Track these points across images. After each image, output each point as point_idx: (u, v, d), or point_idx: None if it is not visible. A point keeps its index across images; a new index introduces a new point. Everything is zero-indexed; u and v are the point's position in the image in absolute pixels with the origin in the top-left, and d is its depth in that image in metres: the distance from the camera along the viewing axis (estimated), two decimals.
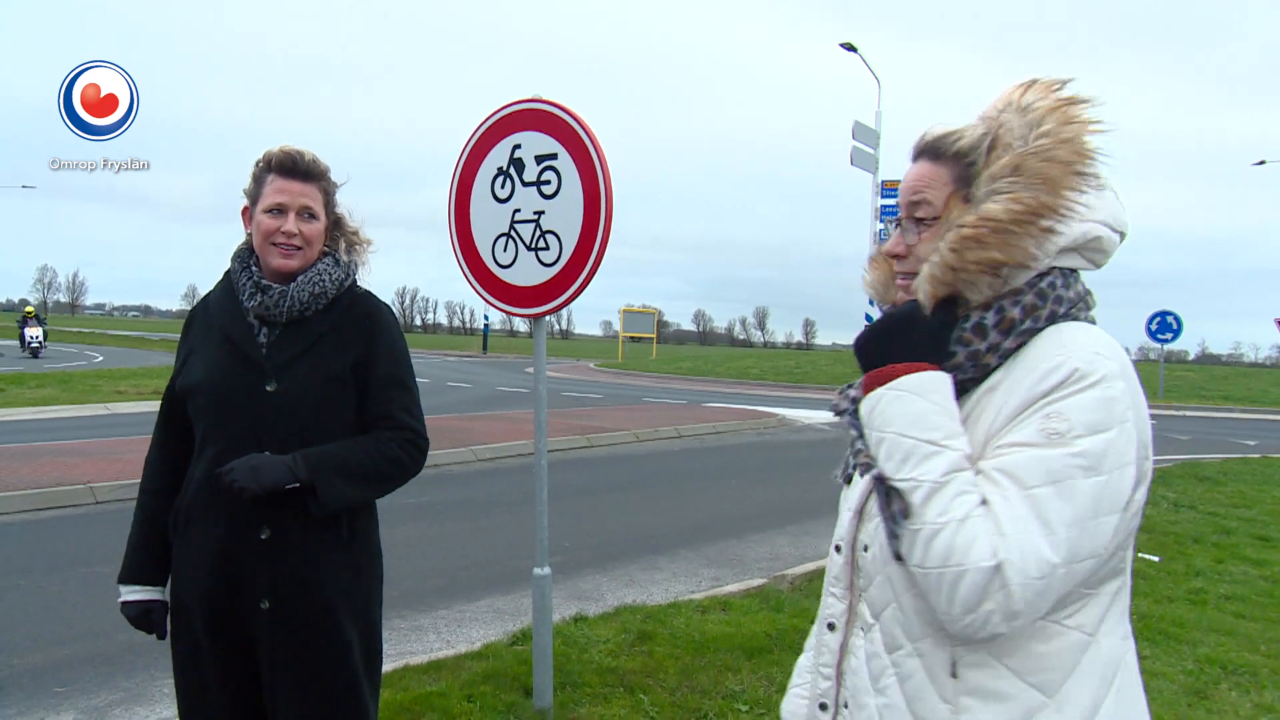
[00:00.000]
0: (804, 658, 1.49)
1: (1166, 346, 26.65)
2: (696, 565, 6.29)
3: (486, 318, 63.30)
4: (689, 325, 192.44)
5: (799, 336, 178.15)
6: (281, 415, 1.93)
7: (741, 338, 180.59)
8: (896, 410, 1.15)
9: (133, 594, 2.05)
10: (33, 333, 31.26)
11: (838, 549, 1.33)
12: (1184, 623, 4.79)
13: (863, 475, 1.22)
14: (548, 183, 3.39)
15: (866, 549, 1.25)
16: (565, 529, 6.94)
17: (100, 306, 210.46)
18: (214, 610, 1.94)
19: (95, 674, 4.04)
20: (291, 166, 2.01)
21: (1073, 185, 1.16)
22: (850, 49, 21.66)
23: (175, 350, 2.18)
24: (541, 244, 3.42)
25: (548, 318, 3.60)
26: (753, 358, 53.86)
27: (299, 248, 2.00)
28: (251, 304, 2.00)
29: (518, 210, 3.48)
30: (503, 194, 3.51)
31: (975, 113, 1.27)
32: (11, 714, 3.63)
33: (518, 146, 3.45)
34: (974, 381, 1.19)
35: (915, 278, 1.23)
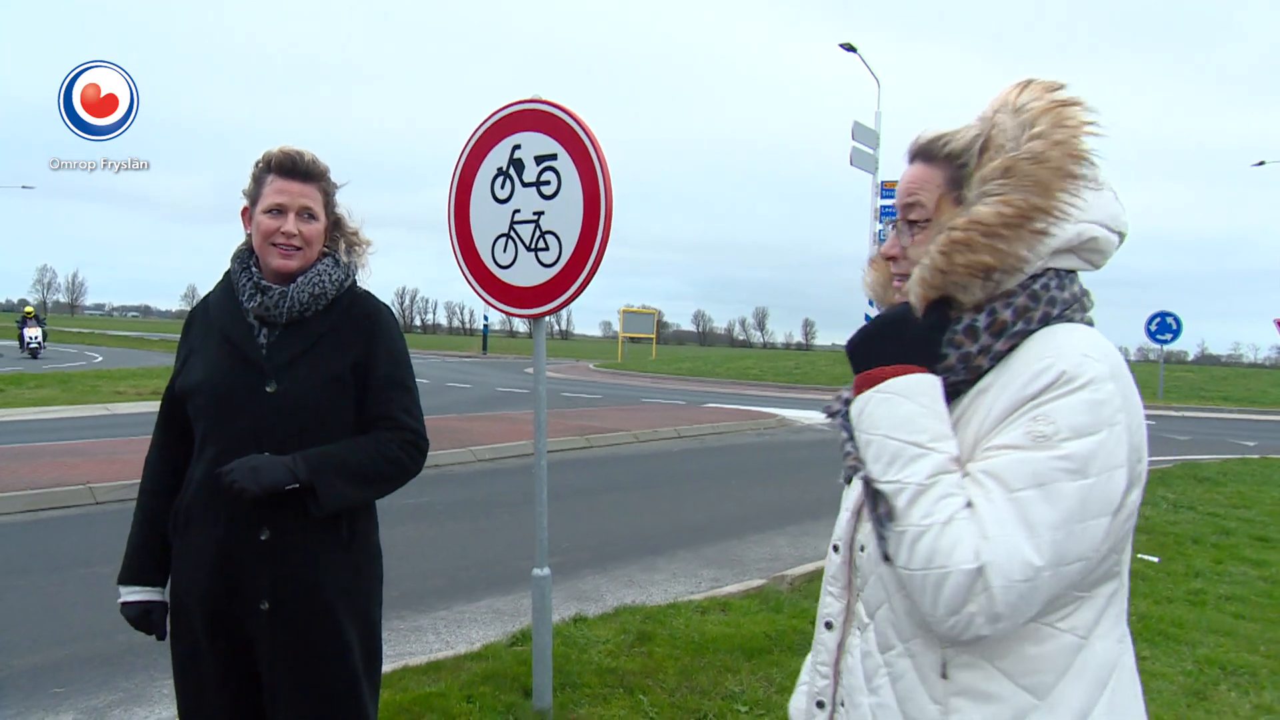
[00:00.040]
0: (810, 655, 1.50)
1: (1166, 347, 26.65)
2: (696, 566, 6.29)
3: (486, 318, 63.38)
4: (688, 326, 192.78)
5: (799, 337, 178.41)
6: (281, 416, 1.93)
7: (741, 338, 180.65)
8: (883, 412, 1.15)
9: (132, 594, 2.05)
10: (32, 333, 31.19)
11: (835, 549, 1.33)
12: (1183, 623, 4.80)
13: (851, 478, 1.22)
14: (547, 183, 3.39)
15: (863, 549, 1.26)
16: (565, 530, 6.94)
17: (100, 307, 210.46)
18: (213, 611, 1.94)
19: (94, 675, 4.04)
20: (291, 167, 2.01)
21: (1065, 187, 1.15)
22: (850, 49, 21.66)
23: (175, 351, 2.18)
24: (541, 244, 3.42)
25: (547, 318, 3.60)
26: (752, 358, 53.86)
27: (299, 248, 2.00)
28: (251, 305, 2.00)
29: (517, 211, 3.48)
30: (502, 194, 3.51)
31: (974, 113, 1.26)
32: (10, 714, 3.63)
33: (517, 147, 3.45)
34: (967, 383, 1.19)
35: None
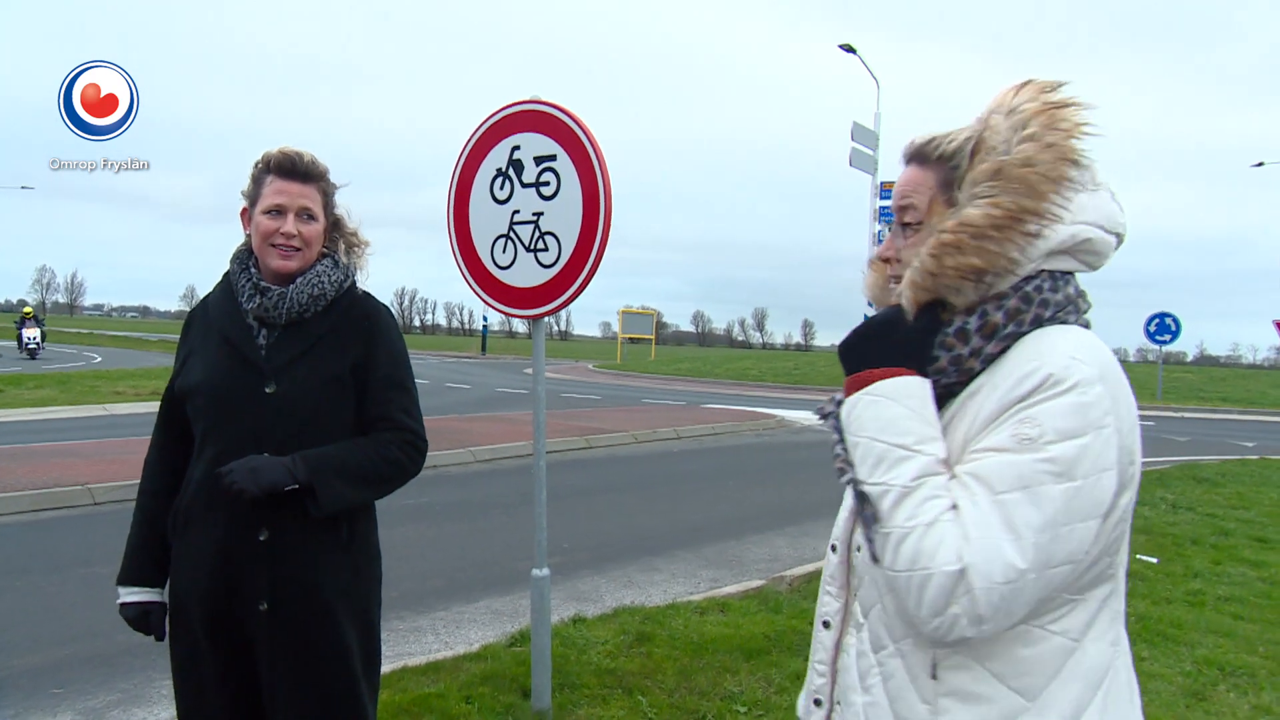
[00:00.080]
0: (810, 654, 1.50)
1: (1165, 348, 26.65)
2: (695, 566, 6.29)
3: (485, 319, 63.31)
4: (688, 326, 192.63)
5: (798, 338, 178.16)
6: (280, 417, 1.94)
7: (740, 339, 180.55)
8: (870, 415, 1.15)
9: (131, 595, 2.05)
10: (30, 334, 30.83)
11: (834, 548, 1.34)
12: (1182, 624, 4.80)
13: (840, 479, 1.22)
14: (547, 184, 3.39)
15: (860, 549, 1.26)
16: (564, 530, 6.94)
17: (99, 307, 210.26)
18: (213, 611, 1.94)
19: (93, 675, 4.04)
20: (290, 168, 2.01)
21: (1056, 189, 1.14)
22: (849, 50, 21.66)
23: (174, 351, 2.18)
24: (540, 245, 3.43)
25: (546, 319, 3.60)
26: (751, 359, 53.86)
27: (298, 249, 2.00)
28: (250, 306, 2.00)
29: (517, 211, 3.48)
30: (502, 195, 3.51)
31: (974, 114, 1.26)
32: (9, 715, 3.63)
33: (517, 148, 3.46)
34: (959, 385, 1.18)
35: None
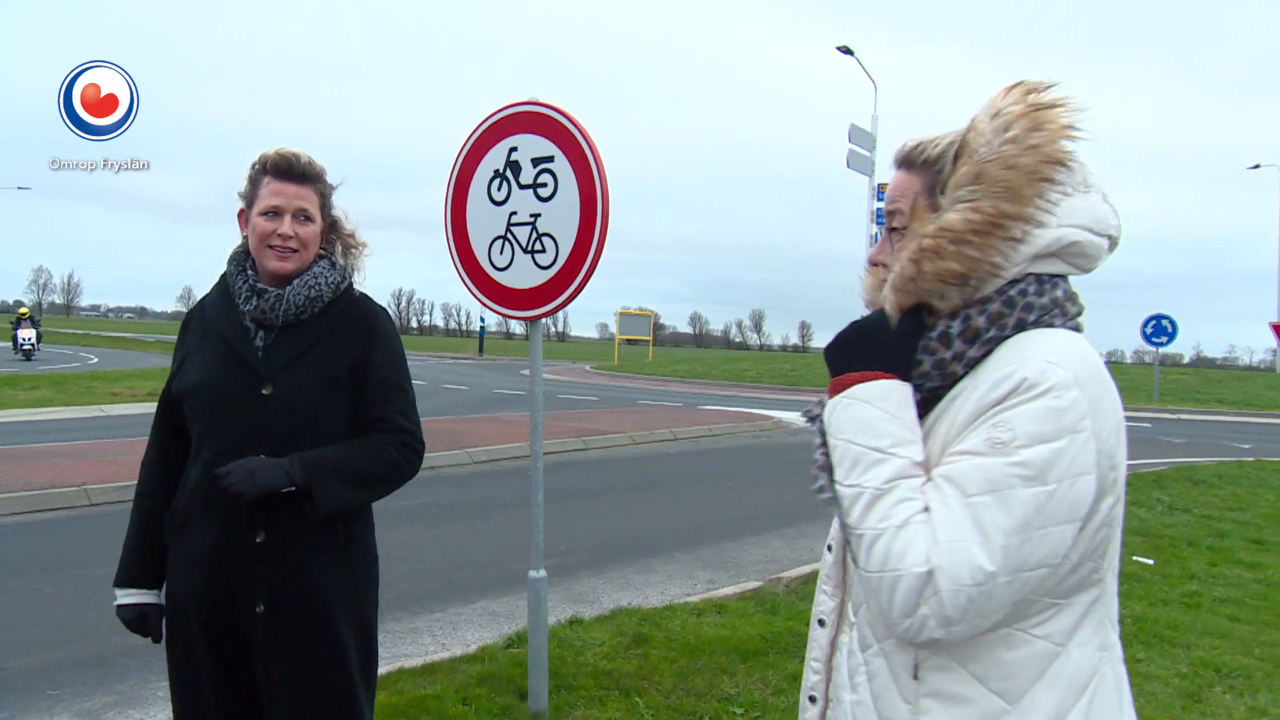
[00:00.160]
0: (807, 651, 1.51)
1: (1161, 350, 26.69)
2: (692, 568, 6.29)
3: (483, 320, 63.25)
4: (685, 328, 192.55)
5: (795, 339, 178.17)
6: (278, 418, 1.93)
7: (738, 340, 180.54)
8: (848, 417, 1.16)
9: (128, 597, 2.05)
10: (25, 335, 30.38)
11: (829, 548, 1.35)
12: (1178, 626, 4.81)
13: (813, 485, 1.23)
14: (544, 185, 3.39)
15: None
16: (561, 531, 6.93)
17: (95, 308, 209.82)
18: (209, 613, 1.94)
19: (89, 677, 4.03)
20: (287, 169, 2.01)
21: (1038, 192, 1.14)
22: (847, 52, 21.70)
23: (171, 352, 2.18)
24: (538, 246, 3.43)
25: (544, 320, 3.60)
26: (749, 360, 53.82)
27: (295, 250, 2.00)
28: (248, 307, 2.00)
29: (514, 213, 3.48)
30: (499, 196, 3.51)
31: (970, 117, 1.26)
32: (4, 717, 3.62)
33: (514, 149, 3.46)
34: (944, 390, 1.18)
35: None
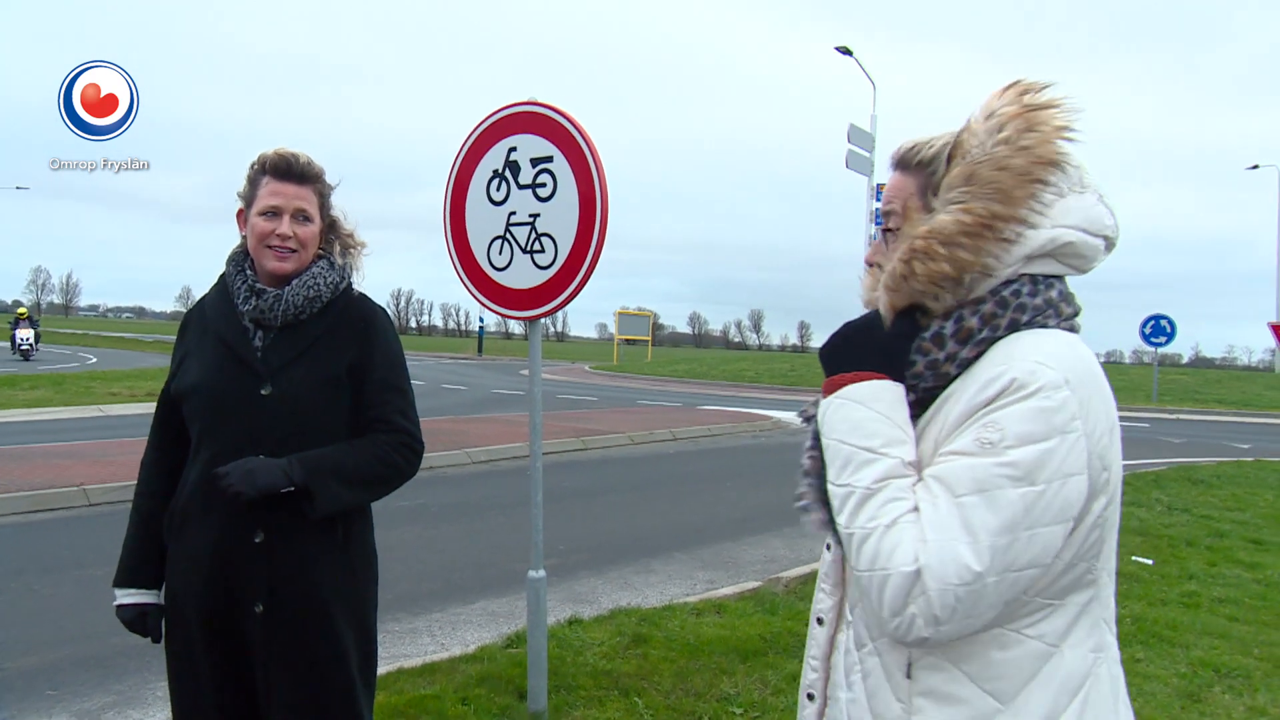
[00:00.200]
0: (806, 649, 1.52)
1: (1160, 350, 26.70)
2: (691, 568, 6.29)
3: (482, 320, 63.22)
4: (684, 328, 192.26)
5: (794, 339, 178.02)
6: (277, 419, 1.93)
7: (737, 340, 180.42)
8: (840, 418, 1.17)
9: (128, 597, 2.05)
10: (23, 335, 30.20)
11: (829, 547, 1.35)
12: (1177, 625, 4.81)
13: (803, 479, 1.24)
14: (543, 185, 3.39)
15: None
16: (560, 532, 6.93)
17: (94, 308, 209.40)
18: (208, 613, 1.94)
19: (88, 677, 4.03)
20: (286, 169, 2.01)
21: (1030, 193, 1.14)
22: (846, 53, 21.72)
23: (169, 352, 2.18)
24: (537, 247, 3.43)
25: (543, 320, 3.60)
26: (748, 360, 53.84)
27: (294, 250, 2.00)
28: (246, 308, 2.00)
29: (513, 213, 3.48)
30: (498, 197, 3.51)
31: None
32: (4, 717, 3.62)
33: (513, 149, 3.46)
34: (938, 390, 1.18)
35: None
